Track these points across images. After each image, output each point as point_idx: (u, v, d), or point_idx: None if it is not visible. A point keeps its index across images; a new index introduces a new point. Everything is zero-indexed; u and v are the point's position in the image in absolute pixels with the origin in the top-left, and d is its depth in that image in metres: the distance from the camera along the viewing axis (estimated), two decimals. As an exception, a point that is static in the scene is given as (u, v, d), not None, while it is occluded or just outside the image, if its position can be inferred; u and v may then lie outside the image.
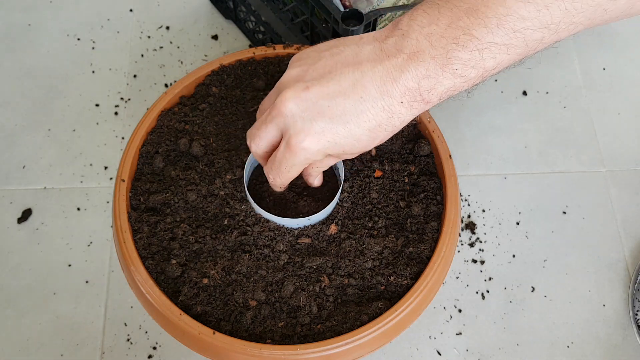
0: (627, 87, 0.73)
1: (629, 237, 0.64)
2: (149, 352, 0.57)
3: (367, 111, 0.38)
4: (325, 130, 0.39)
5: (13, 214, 0.64)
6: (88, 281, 0.60)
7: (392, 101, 0.38)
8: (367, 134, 0.39)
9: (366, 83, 0.38)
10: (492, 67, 0.37)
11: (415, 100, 0.38)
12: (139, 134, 0.51)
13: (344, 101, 0.38)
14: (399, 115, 0.38)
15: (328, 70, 0.39)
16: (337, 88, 0.38)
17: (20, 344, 0.58)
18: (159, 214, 0.49)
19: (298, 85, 0.39)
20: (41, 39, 0.74)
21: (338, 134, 0.39)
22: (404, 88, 0.37)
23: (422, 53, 0.37)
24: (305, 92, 0.39)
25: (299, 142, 0.39)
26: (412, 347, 0.58)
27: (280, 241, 0.48)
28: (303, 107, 0.39)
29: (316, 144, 0.39)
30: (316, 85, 0.39)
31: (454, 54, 0.36)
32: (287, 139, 0.40)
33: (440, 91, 0.38)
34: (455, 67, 0.37)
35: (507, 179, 0.67)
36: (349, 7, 0.58)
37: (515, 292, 0.61)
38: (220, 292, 0.46)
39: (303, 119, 0.39)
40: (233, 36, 0.75)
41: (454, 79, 0.37)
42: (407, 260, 0.47)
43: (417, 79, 0.37)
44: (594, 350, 0.58)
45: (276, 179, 0.43)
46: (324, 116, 0.38)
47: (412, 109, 0.38)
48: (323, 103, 0.39)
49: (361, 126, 0.39)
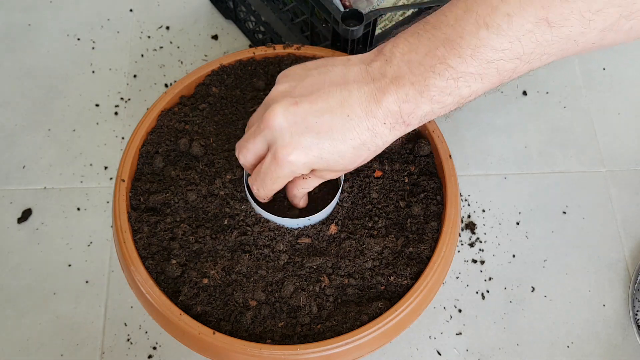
0: (627, 87, 0.73)
1: (629, 237, 0.64)
2: (149, 352, 0.57)
3: (352, 129, 0.39)
4: (312, 145, 0.40)
5: (13, 214, 0.64)
6: (88, 281, 0.60)
7: (376, 122, 0.39)
8: (352, 151, 0.40)
9: (353, 102, 0.39)
10: (468, 95, 0.39)
11: (397, 122, 0.39)
12: (139, 134, 0.51)
13: (331, 118, 0.39)
14: (382, 135, 0.40)
15: (317, 87, 0.40)
16: (325, 105, 0.40)
17: (20, 344, 0.58)
18: (159, 214, 0.49)
19: (287, 100, 0.40)
20: (41, 39, 0.74)
21: (324, 149, 0.40)
22: (387, 110, 0.39)
23: (403, 79, 0.38)
24: (294, 107, 0.40)
25: (285, 155, 0.40)
26: (412, 347, 0.58)
27: (280, 241, 0.48)
28: (291, 121, 0.40)
29: (303, 157, 0.40)
30: (305, 102, 0.40)
31: (431, 82, 0.38)
32: (274, 152, 0.41)
33: (420, 115, 0.39)
34: (432, 93, 0.38)
35: (507, 179, 0.67)
36: (349, 7, 0.58)
37: (515, 292, 0.61)
38: (220, 292, 0.46)
39: (291, 133, 0.40)
40: (233, 36, 0.75)
41: (431, 105, 0.39)
42: (407, 260, 0.47)
43: (398, 102, 0.39)
44: (594, 350, 0.58)
45: (260, 190, 0.44)
46: (312, 131, 0.40)
47: (394, 131, 0.40)
48: (311, 119, 0.40)
49: (347, 143, 0.40)
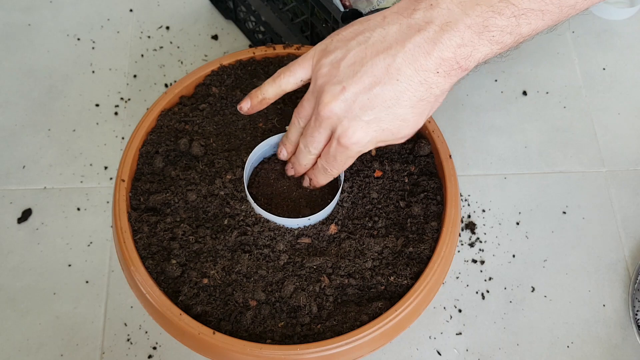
0: (627, 87, 0.73)
1: (629, 237, 0.64)
2: (149, 352, 0.57)
3: (405, 91, 0.39)
4: (371, 122, 0.40)
5: (13, 214, 0.64)
6: (88, 281, 0.60)
7: (428, 74, 0.38)
8: (411, 111, 0.40)
9: (399, 65, 0.38)
10: (528, 33, 0.38)
11: (452, 68, 0.38)
12: (139, 134, 0.51)
13: (381, 89, 0.39)
14: (438, 84, 0.39)
15: (359, 63, 0.39)
16: (372, 79, 0.39)
17: (20, 344, 0.58)
18: (159, 214, 0.49)
19: (334, 87, 0.40)
20: (41, 39, 0.74)
21: (383, 121, 0.40)
22: (439, 59, 0.38)
23: (456, 23, 0.37)
24: (342, 94, 0.40)
25: (348, 139, 0.41)
26: (412, 347, 0.58)
27: (280, 241, 0.48)
28: (344, 107, 0.40)
29: (365, 135, 0.41)
30: (351, 84, 0.40)
31: (491, 22, 0.36)
32: (337, 139, 0.42)
33: (478, 58, 0.38)
34: (492, 34, 0.37)
35: (507, 179, 0.67)
36: (349, 7, 0.58)
37: (515, 292, 0.61)
38: (220, 292, 0.46)
39: (348, 118, 0.40)
40: (233, 36, 0.75)
41: (490, 46, 0.37)
42: (407, 260, 0.47)
43: (452, 48, 0.37)
44: (594, 350, 0.58)
45: (333, 170, 0.45)
46: (366, 109, 0.40)
47: (449, 77, 0.39)
48: (362, 98, 0.39)
49: (403, 106, 0.39)
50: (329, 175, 0.46)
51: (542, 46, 0.74)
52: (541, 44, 0.74)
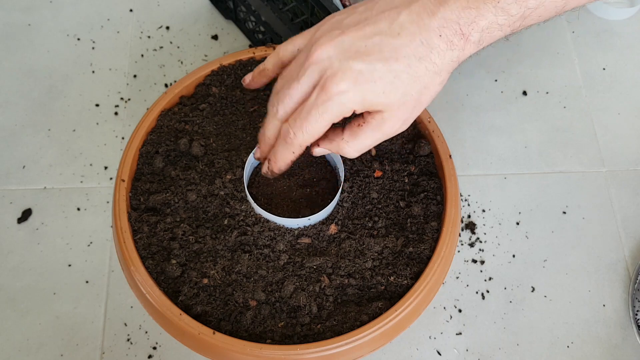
0: (627, 87, 0.73)
1: (629, 237, 0.64)
2: (149, 352, 0.57)
3: (405, 46, 0.37)
4: (363, 70, 0.37)
5: (13, 214, 0.64)
6: (88, 281, 0.60)
7: (430, 35, 0.37)
8: (407, 70, 0.38)
9: (402, 20, 0.38)
10: (535, 6, 0.37)
11: (454, 34, 0.37)
12: (139, 134, 0.51)
13: (380, 39, 0.38)
14: (438, 50, 0.38)
15: (364, 17, 0.39)
16: (374, 29, 0.38)
17: (20, 344, 0.58)
18: (159, 214, 0.49)
19: (333, 32, 0.39)
20: (41, 39, 0.74)
21: (376, 71, 0.37)
22: (442, 20, 0.37)
23: None
24: (341, 36, 0.38)
25: (335, 83, 0.37)
26: (412, 347, 0.58)
27: (280, 241, 0.48)
28: (339, 49, 0.38)
29: (353, 85, 0.37)
30: (352, 30, 0.38)
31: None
32: (323, 83, 0.38)
33: (481, 26, 0.37)
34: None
35: (507, 179, 0.67)
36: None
37: (515, 292, 0.61)
38: (220, 292, 0.46)
39: (340, 60, 0.38)
40: (233, 36, 0.75)
41: (495, 14, 0.37)
42: (407, 260, 0.47)
43: (456, 10, 0.37)
44: (594, 350, 0.58)
45: (298, 134, 0.39)
46: (361, 55, 0.38)
47: (451, 45, 0.38)
48: (360, 44, 0.38)
49: (400, 61, 0.38)
50: (289, 144, 0.40)
51: (542, 46, 0.74)
52: (541, 44, 0.74)
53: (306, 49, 0.40)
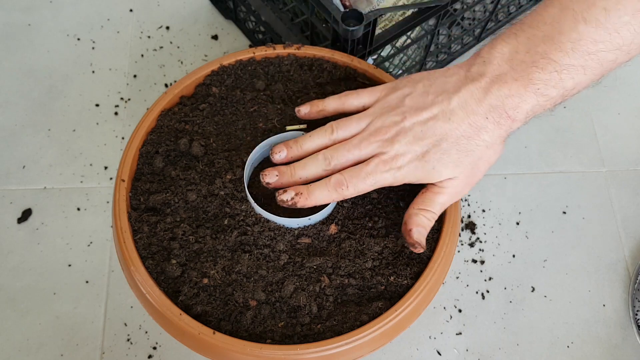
0: (627, 87, 0.73)
1: (629, 237, 0.64)
2: (149, 352, 0.58)
3: (454, 129, 0.43)
4: (418, 152, 0.43)
5: (13, 214, 0.64)
6: (88, 281, 0.60)
7: (477, 118, 0.42)
8: (456, 147, 0.43)
9: (453, 107, 0.43)
10: (572, 87, 0.41)
11: (500, 117, 0.42)
12: (139, 134, 0.51)
13: (434, 123, 0.43)
14: (486, 129, 0.43)
15: (422, 100, 0.45)
16: (429, 115, 0.44)
17: (20, 344, 0.58)
18: (159, 214, 0.49)
19: (396, 116, 0.45)
20: (41, 39, 0.74)
21: (429, 153, 0.43)
22: (489, 106, 0.42)
23: (505, 76, 0.42)
24: (403, 122, 0.44)
25: (395, 161, 0.44)
26: (412, 347, 0.58)
27: (280, 241, 0.48)
28: (401, 133, 0.44)
29: (408, 163, 0.44)
30: (412, 115, 0.44)
31: (535, 75, 0.41)
32: (384, 159, 0.44)
33: (526, 109, 0.42)
34: (537, 87, 0.41)
35: (507, 179, 0.67)
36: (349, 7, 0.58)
37: (515, 292, 0.61)
38: (220, 292, 0.46)
39: (400, 144, 0.44)
40: (233, 36, 0.75)
41: (537, 98, 0.41)
42: (407, 260, 0.47)
43: (500, 98, 0.42)
44: (594, 350, 0.58)
45: (350, 188, 0.45)
46: (418, 139, 0.43)
47: (498, 126, 0.42)
48: (417, 128, 0.44)
49: (449, 141, 0.43)
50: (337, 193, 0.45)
51: (542, 46, 0.74)
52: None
53: (373, 125, 0.46)
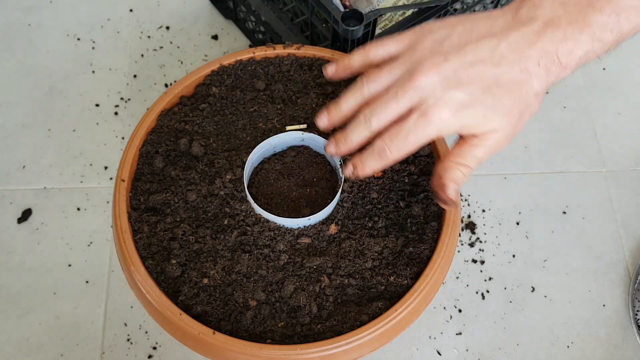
0: (627, 87, 0.73)
1: (629, 237, 0.64)
2: (149, 352, 0.58)
3: (505, 74, 0.39)
4: (465, 100, 0.39)
5: (13, 214, 0.64)
6: (88, 281, 0.60)
7: (529, 63, 0.39)
8: (508, 96, 0.39)
9: (503, 49, 0.39)
10: (628, 30, 0.39)
11: (553, 63, 0.39)
12: (139, 134, 0.51)
13: (482, 68, 0.39)
14: (538, 76, 0.39)
15: (464, 41, 0.40)
16: (475, 57, 0.39)
17: (20, 344, 0.58)
18: (159, 214, 0.49)
19: (436, 57, 0.40)
20: (41, 39, 0.74)
21: (477, 100, 0.39)
22: (541, 51, 0.38)
23: (558, 19, 0.38)
24: (444, 64, 0.39)
25: (437, 112, 0.39)
26: (412, 347, 0.58)
27: (280, 241, 0.48)
28: (442, 77, 0.39)
29: (454, 113, 0.39)
30: (454, 56, 0.39)
31: (592, 18, 0.38)
32: (424, 110, 0.39)
33: (579, 55, 0.39)
34: (593, 30, 0.38)
35: (507, 179, 0.67)
36: (349, 7, 0.58)
37: (515, 292, 0.61)
38: (220, 292, 0.46)
39: (442, 89, 0.39)
40: (233, 36, 0.75)
41: (592, 43, 0.38)
42: (407, 260, 0.47)
43: (554, 42, 0.38)
44: (594, 350, 0.58)
45: (393, 152, 0.41)
46: (463, 85, 0.39)
47: (549, 73, 0.39)
48: (462, 72, 0.39)
49: (501, 87, 0.39)
50: (383, 159, 0.42)
51: (542, 46, 0.74)
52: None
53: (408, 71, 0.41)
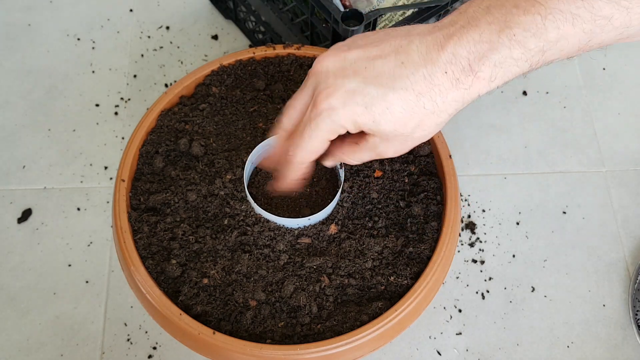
0: (627, 87, 0.73)
1: (629, 237, 0.64)
2: (149, 352, 0.58)
3: (405, 77, 0.36)
4: (356, 90, 0.36)
5: (13, 214, 0.64)
6: (88, 281, 0.60)
7: (434, 69, 0.35)
8: (401, 103, 0.36)
9: (410, 50, 0.36)
10: (555, 40, 0.34)
11: (462, 71, 0.35)
12: (139, 134, 0.51)
13: (382, 63, 0.36)
14: (441, 88, 0.35)
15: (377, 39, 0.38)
16: (379, 52, 0.37)
17: (20, 344, 0.58)
18: (159, 214, 0.49)
19: (340, 48, 0.38)
20: (41, 39, 0.74)
21: (369, 95, 0.36)
22: (450, 55, 0.35)
23: (477, 20, 0.35)
24: (344, 53, 0.38)
25: (324, 97, 0.37)
26: (412, 347, 0.58)
27: (280, 241, 0.48)
28: (339, 65, 0.37)
29: (343, 103, 0.36)
30: (357, 49, 0.37)
31: (514, 18, 0.34)
32: (315, 97, 0.37)
33: (494, 61, 0.35)
34: (513, 32, 0.34)
35: (507, 179, 0.67)
36: (349, 7, 0.58)
37: (515, 292, 0.61)
38: (220, 292, 0.46)
39: (335, 76, 0.37)
40: (233, 36, 0.75)
41: (510, 48, 0.34)
42: (407, 260, 0.47)
43: (467, 45, 0.35)
44: (594, 350, 0.58)
45: (297, 152, 0.39)
46: (358, 75, 0.36)
47: (458, 84, 0.35)
48: (360, 64, 0.37)
49: (396, 92, 0.36)
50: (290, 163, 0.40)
51: (542, 46, 0.74)
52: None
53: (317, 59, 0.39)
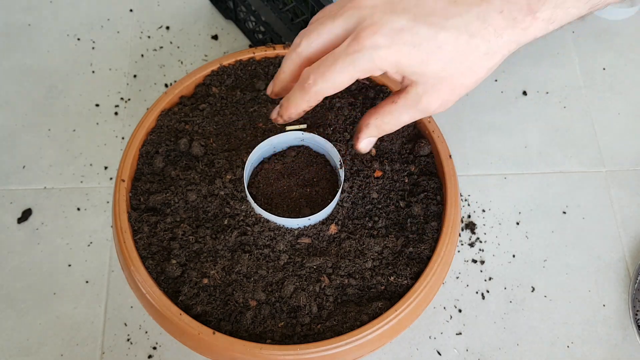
0: (627, 87, 0.73)
1: (629, 237, 0.64)
2: (149, 352, 0.58)
3: (457, 16, 0.33)
4: (405, 28, 0.33)
5: (13, 214, 0.64)
6: (88, 281, 0.60)
7: (489, 8, 0.32)
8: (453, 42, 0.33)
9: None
10: None
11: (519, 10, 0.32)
12: (139, 134, 0.51)
13: (434, 2, 0.33)
14: (496, 28, 0.33)
15: None
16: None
17: (20, 344, 0.58)
18: (159, 214, 0.49)
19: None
20: (41, 39, 0.74)
21: (418, 34, 0.33)
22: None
23: None
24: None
25: (370, 35, 0.33)
26: (412, 347, 0.58)
27: (280, 241, 0.48)
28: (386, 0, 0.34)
29: (390, 41, 0.33)
30: None
31: None
32: (358, 32, 0.33)
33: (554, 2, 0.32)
34: None
35: (507, 179, 0.67)
36: (349, 7, 0.58)
37: (515, 292, 0.61)
38: (220, 292, 0.46)
39: (383, 12, 0.33)
40: (233, 36, 0.75)
41: None
42: (407, 260, 0.47)
43: None
44: (594, 350, 0.58)
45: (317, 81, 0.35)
46: (408, 12, 0.33)
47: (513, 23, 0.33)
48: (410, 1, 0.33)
49: (448, 30, 0.33)
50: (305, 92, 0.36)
51: (542, 46, 0.74)
52: (541, 44, 0.74)
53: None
